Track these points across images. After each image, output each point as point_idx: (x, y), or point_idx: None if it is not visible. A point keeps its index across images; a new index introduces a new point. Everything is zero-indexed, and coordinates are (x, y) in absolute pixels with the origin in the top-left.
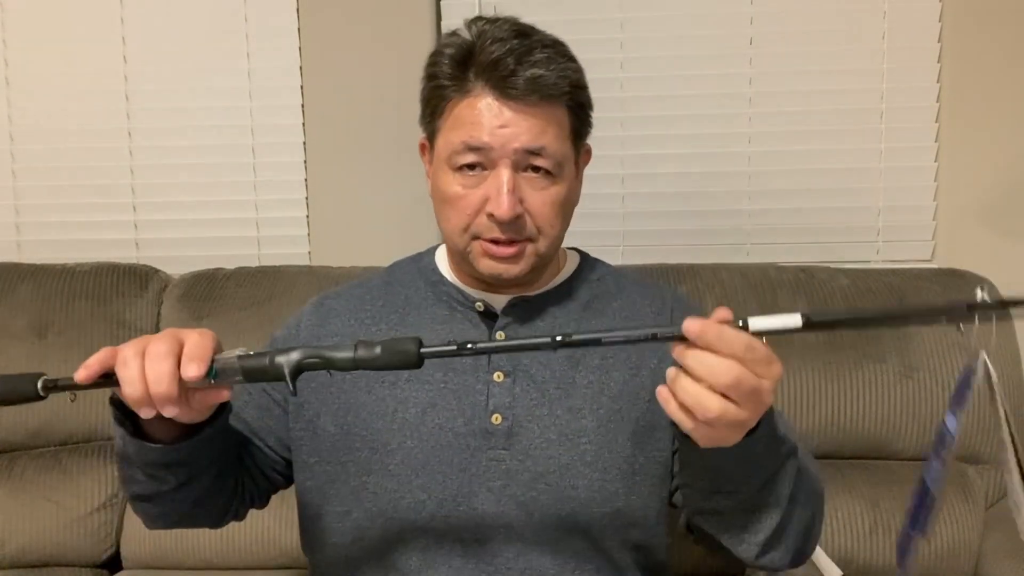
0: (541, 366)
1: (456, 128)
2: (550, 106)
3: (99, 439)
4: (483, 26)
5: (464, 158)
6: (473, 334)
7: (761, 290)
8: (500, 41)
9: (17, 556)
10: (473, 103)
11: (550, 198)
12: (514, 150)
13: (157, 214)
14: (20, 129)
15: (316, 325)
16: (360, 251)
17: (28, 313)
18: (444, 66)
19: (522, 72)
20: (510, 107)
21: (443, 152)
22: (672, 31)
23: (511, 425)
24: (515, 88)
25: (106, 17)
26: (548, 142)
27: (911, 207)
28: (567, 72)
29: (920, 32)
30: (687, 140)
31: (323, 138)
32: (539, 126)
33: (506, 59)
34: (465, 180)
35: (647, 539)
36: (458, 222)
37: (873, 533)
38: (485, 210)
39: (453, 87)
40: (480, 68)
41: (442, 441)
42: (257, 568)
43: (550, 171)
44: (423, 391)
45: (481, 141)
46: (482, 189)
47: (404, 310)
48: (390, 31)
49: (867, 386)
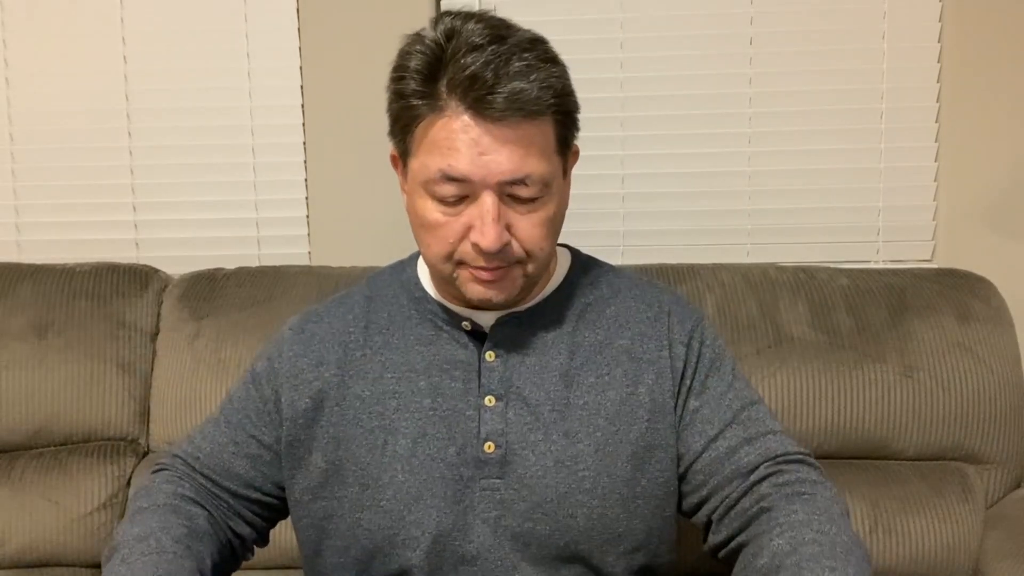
0: (534, 387)
1: (432, 153)
2: (533, 123)
3: (99, 439)
4: (452, 24)
5: (443, 189)
6: (462, 355)
7: (761, 290)
8: (475, 50)
9: (17, 556)
10: (448, 124)
11: (538, 220)
12: (497, 183)
13: (157, 214)
14: (20, 129)
15: (299, 355)
16: (360, 251)
17: (28, 313)
18: (411, 81)
19: (501, 88)
20: (490, 132)
21: (418, 176)
22: (672, 31)
23: (504, 453)
24: (494, 108)
25: (106, 17)
26: (532, 167)
27: (911, 207)
28: (549, 81)
29: (920, 32)
30: (687, 140)
31: (323, 138)
32: (521, 151)
33: (483, 74)
34: (446, 207)
35: (651, 560)
36: (440, 250)
37: (873, 533)
38: (469, 238)
39: (424, 104)
40: (454, 84)
41: (434, 473)
42: (257, 568)
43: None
44: (412, 420)
45: (460, 172)
46: (464, 216)
47: (388, 330)
48: (390, 31)
49: (867, 386)
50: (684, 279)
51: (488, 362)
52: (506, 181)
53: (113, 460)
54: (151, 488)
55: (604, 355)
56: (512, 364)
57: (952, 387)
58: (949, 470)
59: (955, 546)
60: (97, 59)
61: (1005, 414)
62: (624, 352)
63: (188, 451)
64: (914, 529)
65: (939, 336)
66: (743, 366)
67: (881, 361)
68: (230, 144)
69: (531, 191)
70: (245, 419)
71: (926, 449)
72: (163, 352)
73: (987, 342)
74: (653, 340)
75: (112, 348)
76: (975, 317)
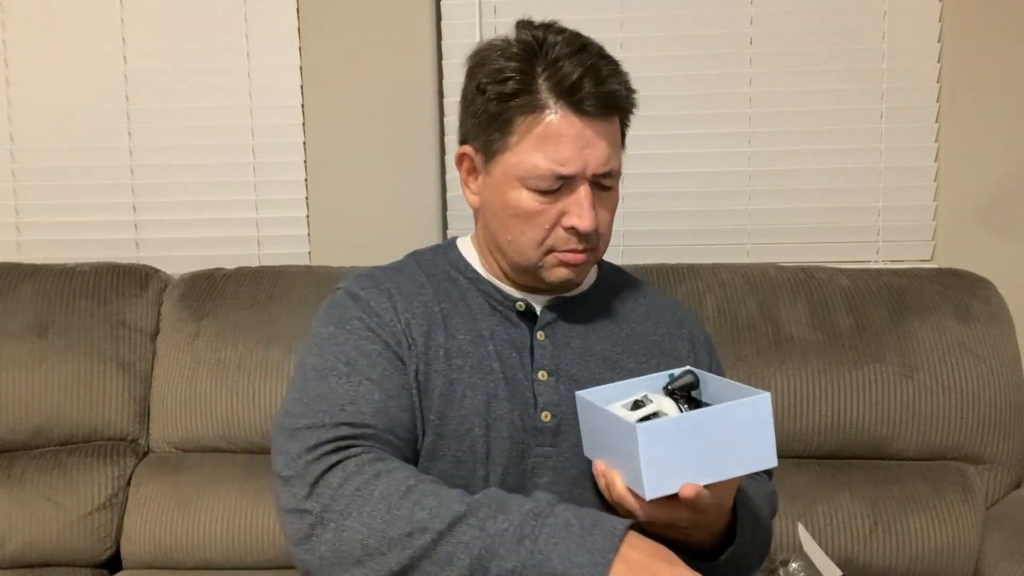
0: (581, 367)
1: (539, 149)
2: (614, 120)
3: (99, 439)
4: (537, 34)
5: (550, 184)
6: (514, 333)
7: (761, 290)
8: (570, 57)
9: (17, 556)
10: (554, 122)
11: (610, 207)
12: (593, 174)
13: (157, 214)
14: (20, 129)
15: (391, 307)
16: (360, 251)
17: (28, 313)
18: (511, 83)
19: (599, 90)
20: (589, 126)
21: (518, 170)
22: (672, 31)
23: (559, 423)
24: (593, 106)
25: (106, 17)
26: (616, 161)
27: (911, 207)
28: (627, 81)
29: (920, 32)
30: (687, 140)
31: (323, 138)
32: (611, 145)
33: (583, 78)
34: (543, 196)
35: None
36: (535, 236)
37: (873, 533)
38: (562, 223)
39: (523, 105)
40: (557, 86)
41: (503, 433)
42: (257, 568)
43: (612, 186)
44: (485, 381)
45: (570, 169)
46: (559, 204)
47: (452, 298)
48: (390, 31)
49: (867, 386)
50: (684, 279)
51: (539, 341)
52: (600, 173)
53: (113, 460)
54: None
55: (640, 345)
56: (560, 345)
57: (952, 387)
58: (949, 470)
59: (955, 546)
60: (97, 59)
61: (1005, 414)
62: (656, 346)
63: (356, 421)
64: (914, 529)
65: (939, 336)
66: (743, 366)
67: (881, 361)
68: (230, 144)
69: (612, 181)
70: (385, 371)
71: (926, 449)
72: (163, 352)
73: (987, 342)
74: (680, 340)
75: (112, 348)
76: (975, 317)
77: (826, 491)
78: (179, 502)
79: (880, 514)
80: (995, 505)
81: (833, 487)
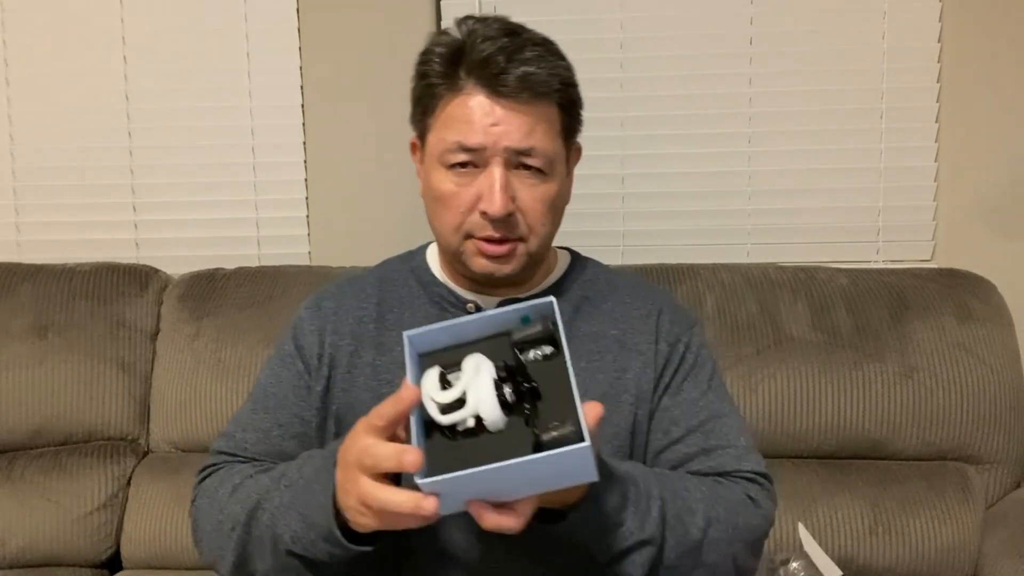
0: None
1: (448, 126)
2: (541, 104)
3: (99, 439)
4: (473, 25)
5: (456, 157)
6: None
7: (761, 290)
8: (490, 39)
9: (17, 556)
10: (465, 101)
11: (541, 195)
12: (505, 148)
13: (157, 214)
14: (20, 129)
15: (318, 329)
16: (360, 251)
17: (28, 313)
18: (435, 64)
19: (513, 69)
20: (501, 105)
21: (435, 149)
22: (672, 31)
23: None
24: (506, 85)
25: (106, 17)
26: (538, 141)
27: (911, 207)
28: (557, 70)
29: (920, 32)
30: (687, 140)
31: (323, 138)
32: (529, 124)
33: (497, 57)
34: (458, 178)
35: None
36: (451, 220)
37: (873, 533)
38: (478, 207)
39: (444, 85)
40: (471, 66)
41: None
42: None
43: (541, 169)
44: None
45: (474, 141)
46: (475, 187)
47: (398, 309)
48: (390, 31)
49: (867, 386)
50: (684, 279)
51: None
52: (513, 149)
53: (113, 460)
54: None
55: (596, 344)
56: None
57: (952, 387)
58: (949, 470)
59: (955, 546)
60: (97, 59)
61: (1005, 414)
62: (615, 341)
63: (232, 446)
64: (914, 529)
65: (939, 336)
66: (743, 366)
67: (881, 361)
68: (230, 144)
69: (537, 161)
70: (284, 400)
71: (926, 449)
72: (163, 352)
73: (987, 342)
74: (643, 334)
75: (112, 348)
76: (975, 317)
77: (826, 491)
78: (179, 502)
79: (880, 514)
80: (995, 505)
81: (833, 487)
